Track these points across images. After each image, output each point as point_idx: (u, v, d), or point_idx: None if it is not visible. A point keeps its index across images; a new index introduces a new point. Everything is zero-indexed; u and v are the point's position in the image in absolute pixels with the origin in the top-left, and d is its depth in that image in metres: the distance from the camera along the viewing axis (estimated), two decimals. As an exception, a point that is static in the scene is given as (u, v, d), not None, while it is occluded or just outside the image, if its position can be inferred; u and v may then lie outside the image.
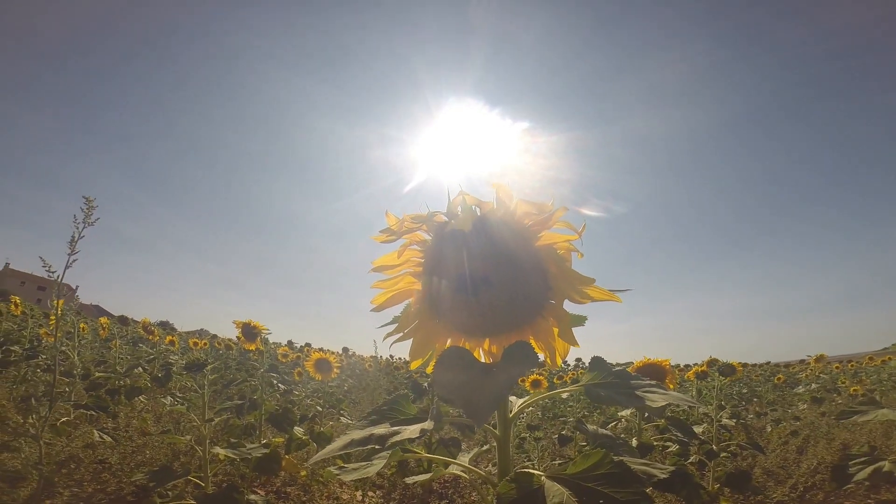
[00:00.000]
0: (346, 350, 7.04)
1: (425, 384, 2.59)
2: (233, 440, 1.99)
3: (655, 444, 1.95)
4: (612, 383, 0.58)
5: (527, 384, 4.09)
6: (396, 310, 0.61)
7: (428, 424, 0.49)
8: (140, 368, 4.26)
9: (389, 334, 0.58)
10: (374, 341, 3.47)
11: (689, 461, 2.27)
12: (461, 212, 0.48)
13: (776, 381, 6.62)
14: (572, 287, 0.49)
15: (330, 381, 2.72)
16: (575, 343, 0.51)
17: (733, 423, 2.20)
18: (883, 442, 3.32)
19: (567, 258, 0.50)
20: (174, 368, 3.92)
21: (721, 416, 2.03)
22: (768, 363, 11.18)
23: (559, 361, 0.52)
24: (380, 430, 0.51)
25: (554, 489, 0.48)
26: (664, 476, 0.66)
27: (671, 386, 1.68)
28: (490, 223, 0.48)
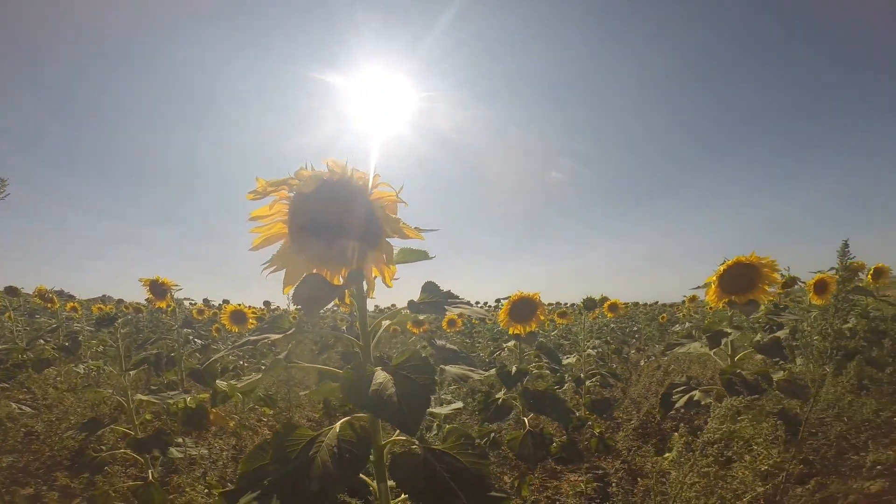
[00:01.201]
0: (267, 304, 7.01)
1: (344, 327, 2.78)
2: (153, 387, 2.08)
3: (533, 370, 2.32)
4: (432, 301, 0.82)
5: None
6: (274, 250, 0.80)
7: (290, 331, 0.70)
8: (42, 340, 4.04)
9: (266, 267, 0.77)
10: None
11: (564, 388, 2.71)
12: (308, 178, 0.67)
13: (661, 320, 7.66)
14: (392, 228, 0.70)
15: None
16: (393, 267, 0.73)
17: (594, 354, 2.63)
18: (712, 373, 4.08)
19: (392, 208, 0.71)
20: (81, 337, 3.78)
21: (587, 348, 2.45)
22: (656, 303, 12.44)
23: (389, 282, 0.74)
24: (255, 336, 0.72)
25: (380, 374, 0.71)
26: (478, 377, 0.92)
27: (541, 317, 2.01)
28: (330, 185, 0.68)
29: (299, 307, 0.68)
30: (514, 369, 2.07)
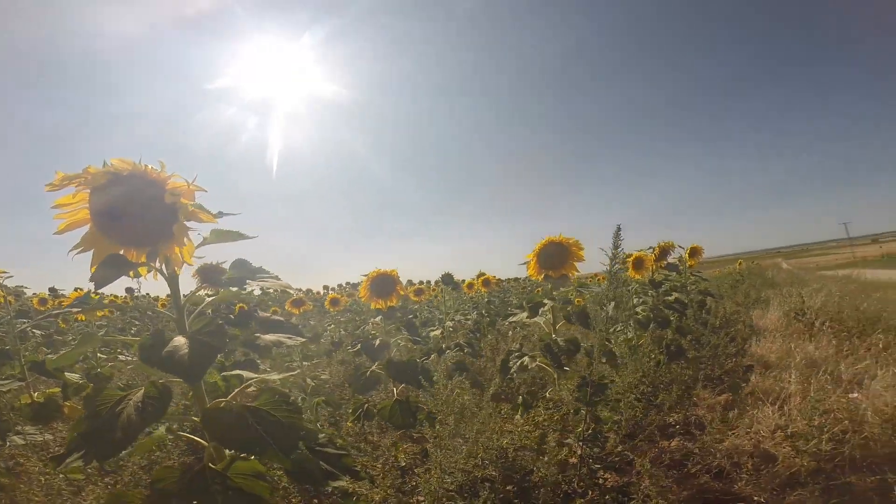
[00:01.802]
0: (130, 290, 6.47)
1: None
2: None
3: (401, 343, 2.54)
4: (239, 277, 0.96)
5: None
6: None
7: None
8: None
9: (73, 249, 0.85)
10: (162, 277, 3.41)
11: (430, 358, 2.98)
12: (98, 174, 0.77)
13: (536, 293, 8.38)
14: (185, 214, 0.83)
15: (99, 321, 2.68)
16: (190, 246, 0.86)
17: (451, 325, 2.93)
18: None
19: (188, 196, 0.83)
20: None
21: (446, 320, 2.74)
22: (528, 278, 13.41)
23: (189, 259, 0.87)
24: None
25: (178, 339, 0.84)
26: (293, 343, 1.07)
27: (401, 292, 2.22)
28: (123, 178, 0.79)
29: (93, 282, 0.77)
30: (377, 342, 2.26)
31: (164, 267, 0.90)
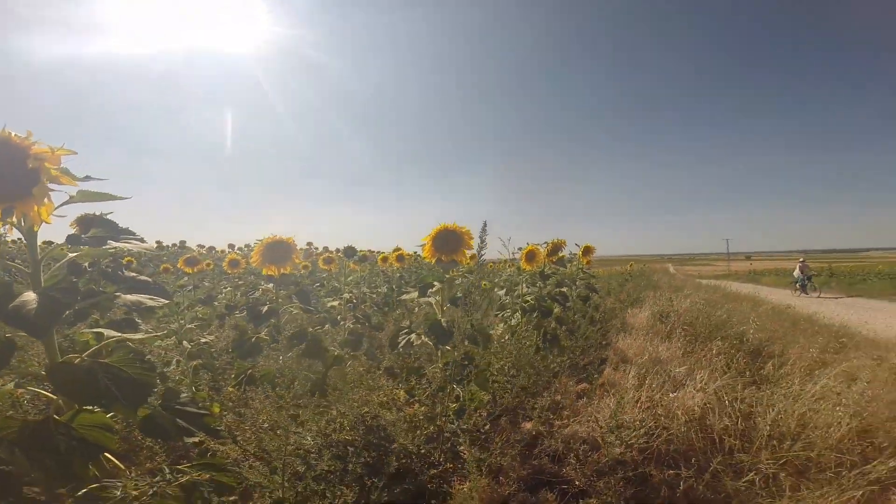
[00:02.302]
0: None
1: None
2: None
3: (295, 311, 2.58)
4: (99, 236, 0.98)
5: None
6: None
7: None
8: None
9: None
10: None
11: (325, 328, 3.04)
12: None
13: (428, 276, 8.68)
14: (48, 176, 0.84)
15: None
16: (50, 205, 0.87)
17: (349, 297, 3.03)
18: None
19: (53, 161, 0.85)
20: None
21: (344, 291, 2.83)
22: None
23: (47, 218, 0.88)
24: None
25: (28, 294, 0.86)
26: (154, 304, 1.10)
27: (297, 261, 2.25)
28: None
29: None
30: (265, 309, 2.28)
31: (22, 223, 0.90)
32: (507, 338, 3.30)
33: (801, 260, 19.30)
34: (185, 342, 2.59)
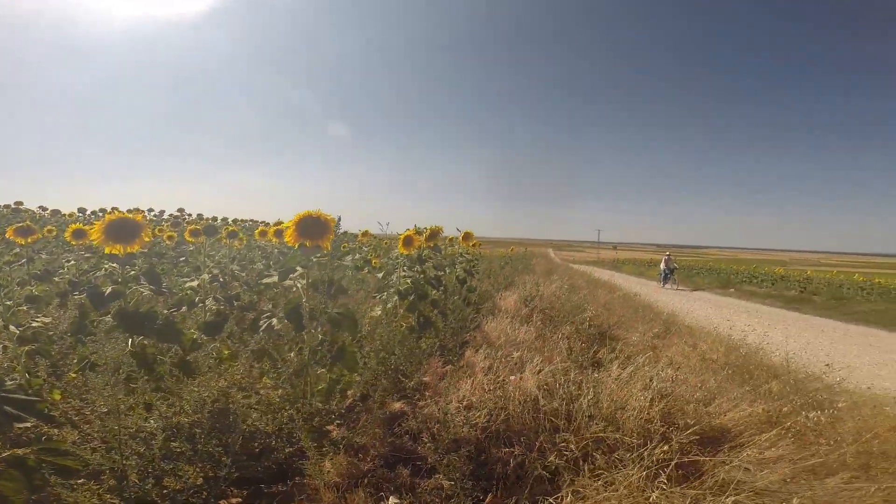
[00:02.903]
0: None
1: None
2: None
3: (146, 292, 2.36)
4: None
5: None
6: None
7: None
8: None
9: None
10: None
11: (182, 310, 2.85)
12: None
13: (343, 248, 8.56)
14: None
15: None
16: None
17: (209, 277, 2.87)
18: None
19: None
20: None
21: (203, 271, 2.67)
22: (346, 232, 13.20)
23: None
24: None
25: None
26: None
27: (146, 239, 2.06)
28: None
29: None
30: (109, 290, 2.07)
31: None
32: (383, 320, 3.40)
33: (667, 254, 19.84)
34: (11, 326, 2.25)
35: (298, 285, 2.33)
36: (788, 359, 5.98)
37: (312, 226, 2.08)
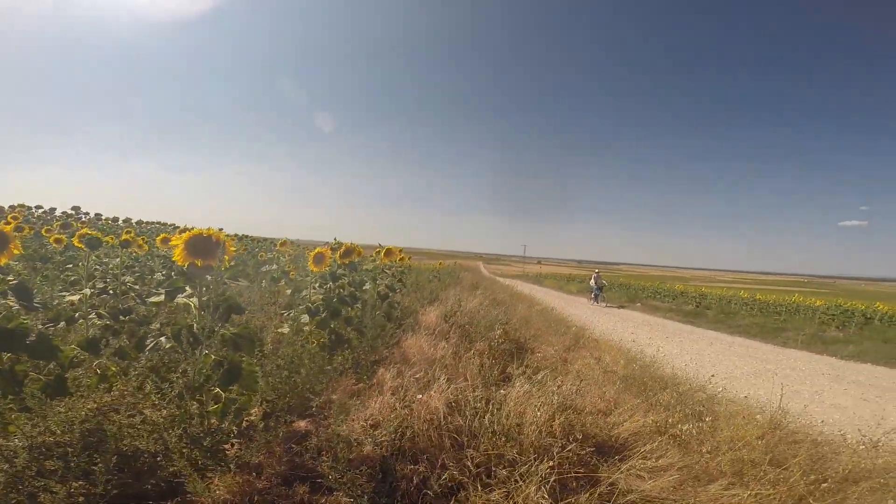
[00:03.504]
0: None
1: None
2: None
3: (16, 308, 2.12)
4: None
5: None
6: None
7: None
8: None
9: None
10: None
11: (59, 325, 2.58)
12: None
13: (260, 258, 8.16)
14: None
15: None
16: None
17: (89, 292, 2.63)
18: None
19: None
20: None
21: (85, 285, 2.43)
22: (268, 240, 12.71)
23: None
24: None
25: None
26: None
27: (15, 251, 1.86)
28: None
29: None
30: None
31: None
32: (291, 338, 3.28)
33: (596, 272, 19.55)
34: None
35: (192, 303, 2.20)
36: (678, 370, 6.61)
37: (203, 245, 1.98)
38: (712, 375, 6.49)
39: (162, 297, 2.13)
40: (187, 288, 2.10)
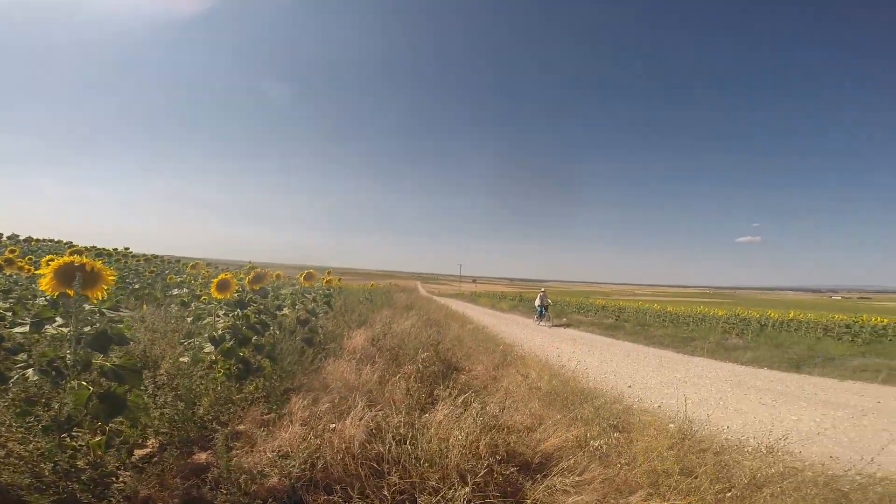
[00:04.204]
0: None
1: None
2: None
3: None
4: None
5: None
6: None
7: None
8: None
9: None
10: None
11: None
12: None
13: (168, 281, 7.55)
14: None
15: None
16: None
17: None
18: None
19: None
20: None
21: None
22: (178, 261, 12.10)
23: None
24: None
25: None
26: None
27: None
28: None
29: None
30: None
31: None
32: (188, 369, 3.00)
33: (542, 291, 18.84)
34: None
35: (63, 334, 1.94)
36: (600, 382, 6.88)
37: (75, 274, 1.75)
38: (629, 386, 6.86)
39: (27, 328, 1.86)
40: (58, 318, 1.85)
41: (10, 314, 3.15)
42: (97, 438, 2.06)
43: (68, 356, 1.87)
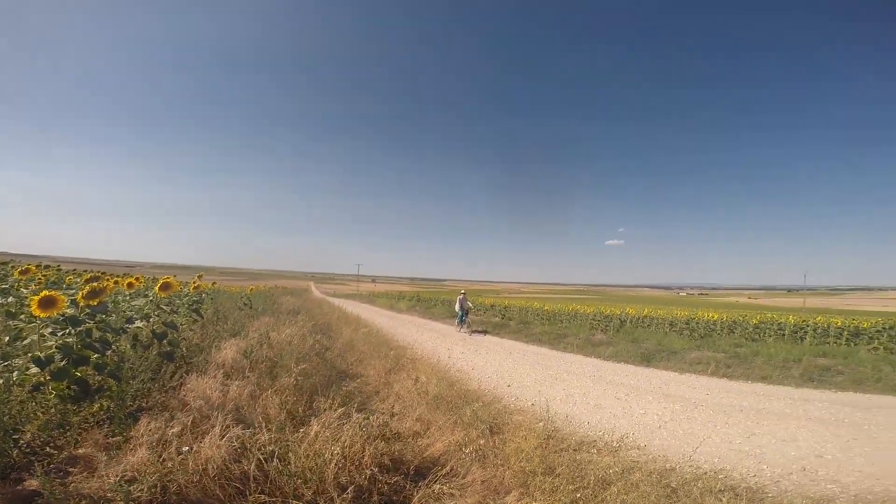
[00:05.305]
0: None
1: None
2: None
3: None
4: None
5: None
6: None
7: None
8: None
9: None
10: None
11: None
12: None
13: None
14: None
15: None
16: None
17: None
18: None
19: None
20: None
21: None
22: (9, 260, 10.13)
23: None
24: None
25: None
26: None
27: None
28: None
29: None
30: None
31: None
32: (5, 393, 2.53)
33: (462, 293, 17.23)
34: None
35: None
36: (483, 381, 7.20)
37: None
38: (508, 385, 7.26)
39: None
40: None
41: None
42: None
43: None
